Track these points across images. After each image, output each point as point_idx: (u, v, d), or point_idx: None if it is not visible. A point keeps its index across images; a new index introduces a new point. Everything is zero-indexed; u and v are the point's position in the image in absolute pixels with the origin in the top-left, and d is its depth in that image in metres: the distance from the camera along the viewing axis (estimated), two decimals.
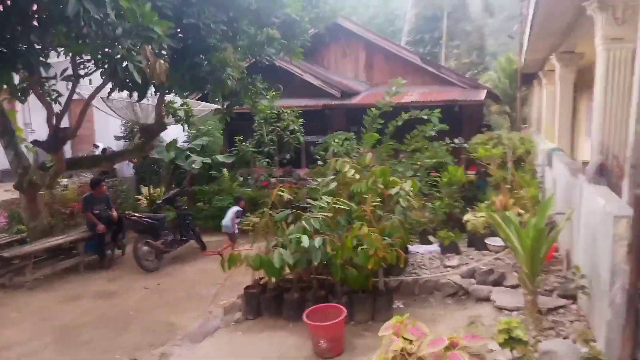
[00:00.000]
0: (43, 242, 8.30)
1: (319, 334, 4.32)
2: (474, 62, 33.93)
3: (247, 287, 5.59)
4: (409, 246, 6.43)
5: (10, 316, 6.59)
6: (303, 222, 4.99)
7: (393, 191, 5.52)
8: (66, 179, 11.65)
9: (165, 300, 7.09)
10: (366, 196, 5.53)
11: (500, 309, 4.77)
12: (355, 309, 4.98)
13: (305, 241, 4.70)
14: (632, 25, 4.64)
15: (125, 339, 5.75)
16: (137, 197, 12.93)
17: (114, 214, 8.97)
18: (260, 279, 5.55)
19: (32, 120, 13.83)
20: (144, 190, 12.93)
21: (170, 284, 7.90)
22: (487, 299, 5.12)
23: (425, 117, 7.75)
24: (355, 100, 13.71)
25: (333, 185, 5.66)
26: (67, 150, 15.43)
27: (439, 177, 8.45)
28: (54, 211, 9.79)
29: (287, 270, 5.21)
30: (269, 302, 5.32)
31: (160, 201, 10.30)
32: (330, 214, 5.16)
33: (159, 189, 12.75)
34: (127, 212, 10.03)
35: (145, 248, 8.56)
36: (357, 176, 5.78)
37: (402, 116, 7.86)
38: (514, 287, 5.26)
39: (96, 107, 10.80)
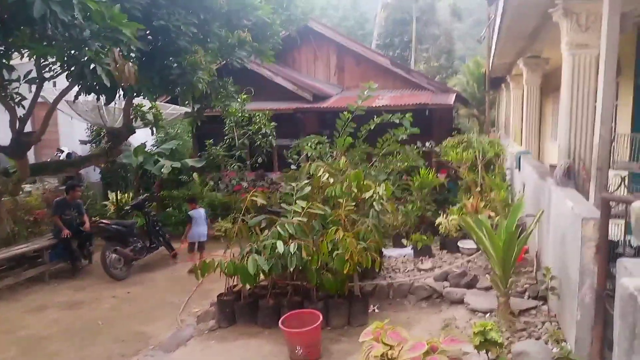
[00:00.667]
0: (5, 250, 8.00)
1: (295, 341, 4.29)
2: (443, 65, 34.52)
3: (220, 295, 5.50)
4: (382, 250, 6.46)
5: None
6: (277, 227, 4.95)
7: (367, 195, 5.54)
8: (30, 185, 11.26)
9: (136, 309, 6.92)
10: (340, 200, 5.53)
11: (474, 311, 4.84)
12: (331, 314, 4.97)
13: (280, 247, 4.66)
14: (596, 32, 4.79)
15: (95, 349, 5.59)
16: (104, 203, 12.60)
17: (85, 220, 8.72)
18: (234, 286, 5.47)
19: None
20: (111, 195, 12.62)
21: (140, 292, 7.73)
22: (461, 302, 5.19)
23: (397, 121, 7.81)
24: (327, 103, 13.73)
25: (307, 189, 5.63)
26: (31, 155, 15.00)
27: (411, 180, 8.53)
28: (17, 218, 9.44)
29: (262, 276, 5.15)
30: (244, 309, 5.25)
31: (128, 207, 10.07)
32: (304, 219, 5.13)
33: (126, 195, 12.47)
34: (94, 218, 9.76)
35: (114, 256, 8.36)
36: (331, 180, 5.78)
37: (374, 120, 7.90)
38: (486, 289, 5.34)
39: (61, 111, 10.51)
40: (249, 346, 4.79)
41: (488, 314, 4.69)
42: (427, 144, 8.33)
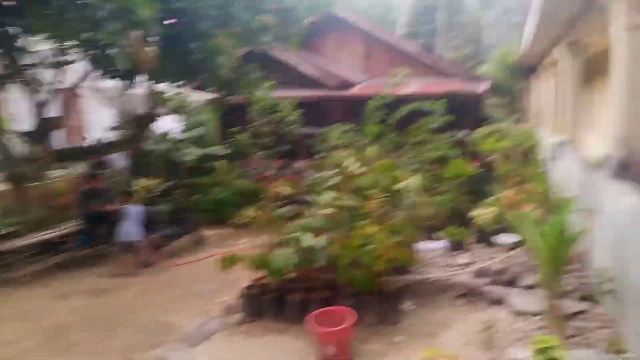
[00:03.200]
0: (34, 236, 7.98)
1: (325, 340, 4.05)
2: (471, 54, 33.71)
3: (246, 287, 5.30)
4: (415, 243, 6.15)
5: (1, 314, 6.29)
6: (305, 219, 4.69)
7: (400, 186, 5.24)
8: (60, 170, 11.27)
9: (161, 298, 6.79)
10: (371, 191, 5.25)
11: (517, 313, 4.50)
12: (363, 312, 4.69)
13: (308, 240, 4.40)
14: None
15: (118, 339, 5.46)
16: (132, 189, 12.55)
17: (113, 207, 8.63)
18: (261, 278, 5.25)
19: (21, 109, 13.39)
20: (139, 181, 12.57)
21: (166, 280, 7.60)
22: (501, 302, 4.86)
23: (430, 108, 7.46)
24: (353, 91, 13.39)
25: (336, 180, 5.36)
26: (60, 141, 15.10)
27: (444, 170, 8.16)
28: (46, 203, 9.43)
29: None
30: (270, 303, 5.03)
31: (155, 194, 9.96)
32: (333, 211, 4.86)
33: (154, 181, 12.40)
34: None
35: (141, 243, 8.23)
36: (361, 170, 5.50)
37: (405, 108, 7.57)
38: (529, 288, 5.01)
39: (87, 97, 10.46)
40: (275, 343, 4.58)
41: (534, 317, 4.35)
42: (461, 133, 7.95)
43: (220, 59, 6.84)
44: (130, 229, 7.89)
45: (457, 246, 6.40)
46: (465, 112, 13.05)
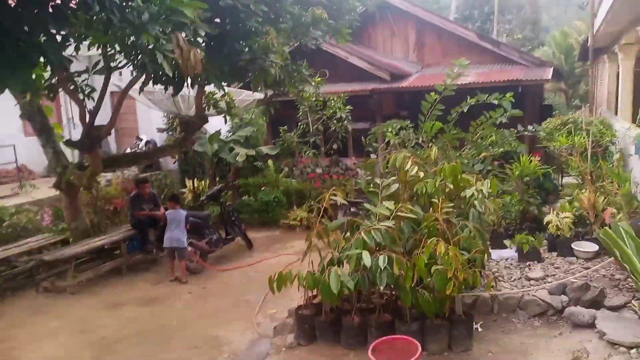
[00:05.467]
0: (84, 243, 7.97)
1: None
2: (528, 37, 32.19)
3: (298, 308, 4.91)
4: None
5: (50, 325, 6.25)
6: (362, 234, 4.23)
7: (467, 193, 4.67)
8: (110, 173, 11.35)
9: (210, 308, 6.59)
10: (434, 199, 4.71)
11: (611, 343, 3.87)
12: (428, 338, 4.21)
13: (366, 259, 3.95)
14: None
15: (168, 357, 5.26)
16: (182, 191, 12.56)
17: (160, 212, 8.53)
18: (313, 297, 4.84)
19: (74, 115, 13.65)
20: (188, 183, 12.55)
21: (216, 288, 7.41)
22: (589, 326, 4.23)
23: (496, 101, 6.78)
24: (406, 83, 12.75)
25: (395, 187, 4.86)
26: (112, 143, 15.37)
27: (510, 168, 7.47)
28: (96, 209, 9.48)
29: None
30: (325, 326, 4.61)
31: (204, 198, 9.81)
32: (393, 224, 4.37)
33: (203, 182, 12.34)
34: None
35: (190, 249, 8.08)
36: (421, 174, 4.98)
37: (467, 101, 6.93)
38: (617, 308, 4.36)
39: (137, 100, 10.41)
40: None
41: (631, 350, 3.71)
42: (530, 127, 7.22)
43: (269, 57, 6.47)
44: (176, 234, 7.71)
45: (528, 256, 5.76)
46: (527, 101, 12.16)
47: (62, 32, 4.23)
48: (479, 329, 4.60)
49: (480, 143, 7.08)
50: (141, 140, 14.28)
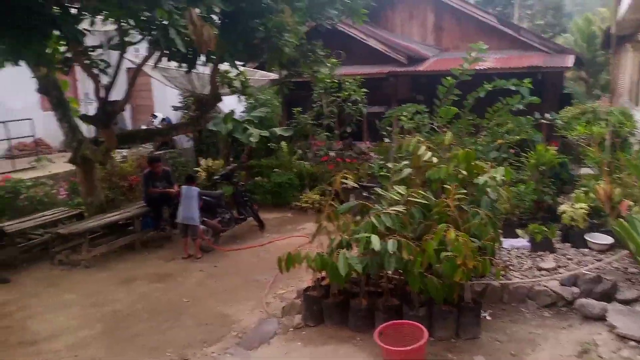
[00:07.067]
0: (99, 218, 8.08)
1: (394, 358, 3.61)
2: (550, 23, 31.38)
3: (306, 289, 4.93)
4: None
5: (64, 298, 6.38)
6: (372, 217, 4.21)
7: (480, 180, 4.61)
8: (125, 150, 11.43)
9: (221, 286, 6.66)
10: (446, 185, 4.67)
11: (621, 337, 3.82)
12: (436, 324, 4.20)
13: (375, 243, 3.93)
14: None
15: (177, 333, 5.33)
16: (196, 170, 12.62)
17: (174, 189, 8.57)
18: (322, 278, 4.86)
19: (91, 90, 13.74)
20: (203, 162, 12.60)
21: (227, 266, 7.48)
22: (599, 319, 4.19)
23: (513, 87, 6.65)
24: (423, 66, 12.56)
25: (407, 172, 4.82)
26: (128, 120, 15.46)
27: (526, 157, 7.35)
28: (112, 184, 9.58)
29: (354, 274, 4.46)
30: (333, 308, 4.63)
31: (217, 177, 9.85)
32: (403, 209, 4.34)
33: (217, 162, 12.38)
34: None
35: (202, 227, 8.14)
36: (435, 160, 4.92)
37: (483, 86, 6.81)
38: (630, 302, 4.30)
39: (152, 77, 10.41)
40: (338, 353, 4.19)
41: None
42: (548, 115, 7.07)
43: (283, 36, 6.40)
44: (189, 211, 7.77)
45: (540, 246, 5.69)
46: (546, 89, 11.92)
47: (77, 6, 4.22)
48: (488, 317, 4.59)
49: (496, 130, 6.98)
50: (156, 117, 14.35)
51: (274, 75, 10.65)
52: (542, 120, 7.35)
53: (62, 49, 6.24)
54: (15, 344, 5.14)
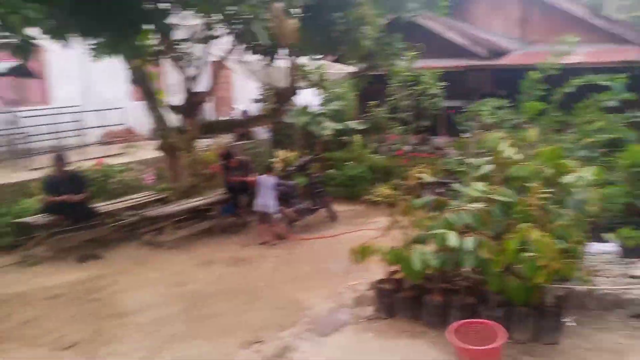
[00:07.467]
0: (182, 203, 8.56)
1: (468, 358, 3.55)
2: None
3: (379, 281, 4.94)
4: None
5: (149, 275, 6.82)
6: (450, 213, 4.14)
7: (568, 180, 4.39)
8: (209, 140, 11.98)
9: (294, 273, 6.83)
10: (529, 184, 4.49)
11: None
12: (513, 326, 4.06)
13: (452, 240, 3.87)
14: None
15: (253, 315, 5.53)
16: (271, 160, 12.96)
17: (252, 178, 8.88)
18: (395, 271, 4.85)
19: (176, 81, 14.46)
20: (278, 153, 12.93)
21: (300, 255, 7.67)
22: None
23: (606, 83, 6.26)
24: (505, 60, 12.07)
25: (487, 168, 4.69)
26: (209, 111, 16.16)
27: (618, 157, 6.87)
28: (194, 172, 10.08)
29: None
30: (405, 302, 4.61)
31: (292, 168, 10.08)
32: (483, 206, 4.23)
33: (292, 153, 12.64)
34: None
35: (277, 215, 8.39)
36: (517, 157, 4.75)
37: (573, 82, 6.46)
38: None
39: (233, 70, 10.81)
40: (410, 348, 4.18)
41: None
42: None
43: (363, 29, 6.42)
44: (266, 200, 8.03)
45: (631, 252, 5.32)
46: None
47: (168, 1, 4.47)
48: (570, 323, 4.37)
49: (584, 127, 6.59)
50: (236, 109, 14.89)
51: (351, 69, 10.69)
52: (637, 119, 6.85)
53: (153, 42, 6.64)
54: (107, 316, 5.56)
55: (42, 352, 4.76)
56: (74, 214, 7.46)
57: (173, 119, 8.97)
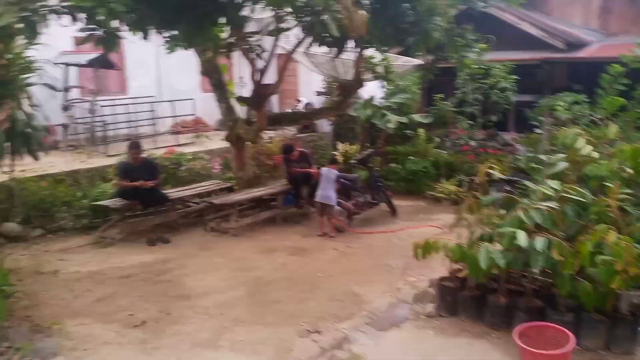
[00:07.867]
0: (247, 192, 8.81)
1: None
2: None
3: (442, 279, 4.85)
4: None
5: (215, 260, 7.05)
6: (520, 212, 3.98)
7: None
8: (272, 132, 12.22)
9: (353, 266, 6.84)
10: (607, 183, 4.23)
11: None
12: (583, 332, 3.87)
13: (522, 239, 3.72)
14: None
15: (312, 305, 5.59)
16: (333, 153, 13.01)
17: (314, 170, 8.97)
18: (459, 270, 4.74)
19: (245, 74, 14.81)
20: (340, 146, 12.96)
21: (359, 248, 7.65)
22: None
23: None
24: (584, 53, 11.40)
25: (562, 166, 4.46)
26: (274, 104, 16.45)
27: None
28: (259, 162, 10.34)
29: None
30: (468, 301, 4.51)
31: (353, 161, 10.08)
32: (556, 206, 4.03)
33: (354, 147, 12.63)
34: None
35: (337, 208, 8.42)
36: (595, 155, 4.49)
37: None
38: None
39: (299, 62, 10.91)
40: (472, 348, 4.08)
41: None
42: None
43: (433, 20, 6.27)
44: (327, 192, 8.08)
45: None
46: None
47: None
48: None
49: None
50: (301, 102, 15.04)
51: (417, 61, 10.48)
52: None
53: (224, 34, 6.83)
54: (174, 297, 5.82)
55: (114, 327, 5.04)
56: (146, 199, 7.83)
57: (241, 111, 9.22)
